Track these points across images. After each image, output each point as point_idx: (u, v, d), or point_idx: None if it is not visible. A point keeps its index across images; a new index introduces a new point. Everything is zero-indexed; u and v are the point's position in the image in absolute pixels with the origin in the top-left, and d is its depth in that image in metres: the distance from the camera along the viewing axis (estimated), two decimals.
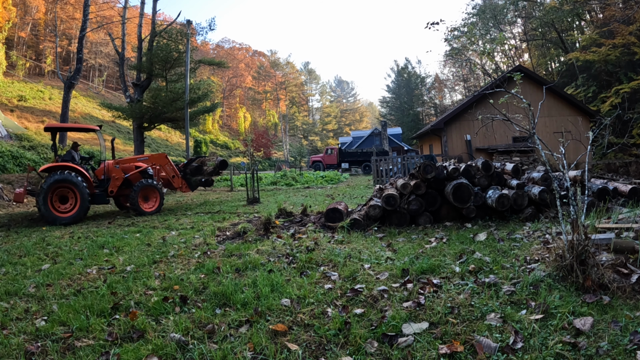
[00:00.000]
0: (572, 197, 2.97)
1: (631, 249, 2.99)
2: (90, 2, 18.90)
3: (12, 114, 28.09)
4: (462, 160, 16.32)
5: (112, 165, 9.38)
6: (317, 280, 3.37)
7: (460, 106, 19.38)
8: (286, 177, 19.49)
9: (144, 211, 9.14)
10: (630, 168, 11.95)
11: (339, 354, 2.16)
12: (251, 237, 5.15)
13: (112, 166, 9.35)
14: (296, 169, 32.70)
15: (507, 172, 6.34)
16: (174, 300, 3.04)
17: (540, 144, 3.34)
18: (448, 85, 55.32)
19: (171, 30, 20.11)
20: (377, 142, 36.40)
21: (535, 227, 4.73)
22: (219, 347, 2.30)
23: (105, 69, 54.43)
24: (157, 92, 19.25)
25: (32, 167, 9.63)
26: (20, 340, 2.52)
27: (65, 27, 47.43)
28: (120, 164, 9.55)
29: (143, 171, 9.74)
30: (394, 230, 5.28)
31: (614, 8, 21.96)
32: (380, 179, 15.13)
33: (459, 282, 3.07)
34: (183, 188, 10.49)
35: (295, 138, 71.02)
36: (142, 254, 4.75)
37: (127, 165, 9.69)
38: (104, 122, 35.98)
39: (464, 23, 31.64)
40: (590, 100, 22.42)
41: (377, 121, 56.05)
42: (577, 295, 2.60)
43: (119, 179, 9.28)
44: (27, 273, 4.18)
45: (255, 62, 77.47)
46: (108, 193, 9.23)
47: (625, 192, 5.44)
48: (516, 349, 2.05)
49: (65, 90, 17.79)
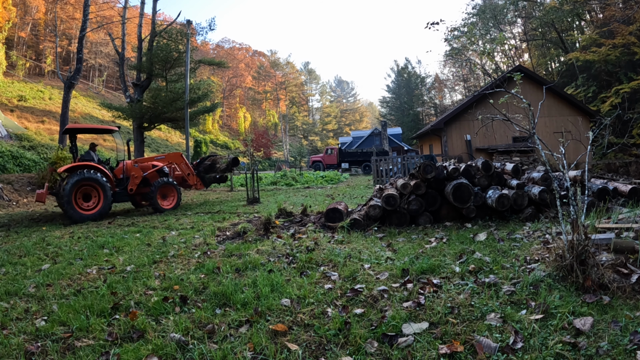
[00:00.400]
0: (572, 197, 2.97)
1: (631, 249, 2.99)
2: (90, 2, 18.89)
3: (12, 114, 28.09)
4: (462, 160, 16.32)
5: (130, 164, 9.70)
6: (317, 280, 3.37)
7: (460, 106, 19.37)
8: (286, 177, 19.49)
9: (162, 208, 9.52)
10: (630, 168, 11.95)
11: (339, 354, 2.16)
12: (251, 237, 5.15)
13: (131, 165, 9.67)
14: (296, 169, 32.71)
15: (507, 172, 6.34)
16: (174, 300, 3.04)
17: (540, 144, 3.34)
18: (448, 85, 55.34)
19: (171, 30, 20.11)
20: (377, 142, 36.40)
21: (535, 227, 4.72)
22: (219, 347, 2.30)
23: (105, 69, 54.43)
24: (157, 92, 19.24)
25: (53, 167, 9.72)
26: (20, 340, 2.52)
27: (65, 27, 47.44)
28: (139, 163, 9.90)
29: (159, 170, 10.07)
30: (394, 230, 5.28)
31: (614, 8, 21.96)
32: (380, 179, 15.13)
33: (459, 282, 3.07)
34: (197, 185, 10.87)
35: (295, 138, 71.02)
36: (142, 254, 4.75)
37: (145, 165, 10.04)
38: (104, 122, 35.97)
39: (464, 23, 31.64)
40: (590, 100, 22.41)
41: (377, 121, 56.07)
42: (577, 295, 2.60)
43: (138, 178, 9.58)
44: (27, 273, 4.18)
45: (255, 62, 77.48)
46: (128, 191, 9.51)
47: (625, 192, 5.44)
48: (516, 349, 2.05)
49: (65, 90, 17.78)
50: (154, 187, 9.48)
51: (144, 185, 9.79)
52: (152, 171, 9.89)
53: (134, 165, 9.66)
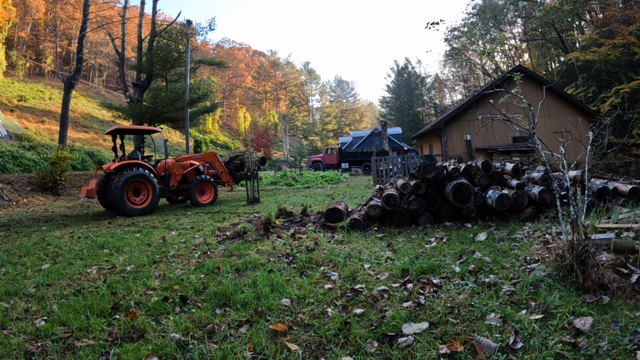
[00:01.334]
0: (572, 197, 2.97)
1: (631, 249, 2.99)
2: (90, 2, 18.89)
3: (12, 114, 28.09)
4: (462, 160, 16.32)
5: (172, 163, 10.53)
6: (317, 280, 3.37)
7: (460, 106, 19.37)
8: (286, 177, 19.49)
9: (201, 203, 10.36)
10: (630, 168, 11.95)
11: (339, 354, 2.16)
12: (251, 237, 5.15)
13: (173, 164, 10.51)
14: (296, 169, 32.69)
15: (507, 172, 6.34)
16: (174, 300, 3.04)
17: (540, 144, 3.34)
18: (448, 85, 55.34)
19: (171, 30, 20.11)
20: (377, 142, 36.39)
21: (535, 227, 4.72)
22: (219, 347, 2.30)
23: (105, 69, 54.43)
24: (157, 92, 19.25)
25: (99, 165, 10.30)
26: (20, 340, 2.52)
27: (65, 27, 47.44)
28: (179, 162, 10.78)
29: (196, 168, 10.93)
30: (394, 230, 5.28)
31: (614, 8, 21.95)
32: (380, 179, 15.13)
33: (459, 282, 3.07)
34: (229, 182, 11.77)
35: (295, 138, 71.01)
36: (142, 254, 4.75)
37: (184, 163, 10.88)
38: (104, 122, 35.99)
39: (464, 23, 31.65)
40: (590, 100, 22.41)
41: (377, 121, 56.06)
42: (577, 295, 2.60)
43: (179, 175, 10.40)
44: (27, 273, 4.18)
45: (255, 62, 77.48)
46: (170, 187, 10.29)
47: (625, 192, 5.44)
48: (516, 349, 2.05)
49: (65, 90, 17.78)
50: (193, 183, 10.33)
51: (182, 182, 10.64)
52: (190, 169, 10.74)
53: (175, 164, 10.50)
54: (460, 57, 36.90)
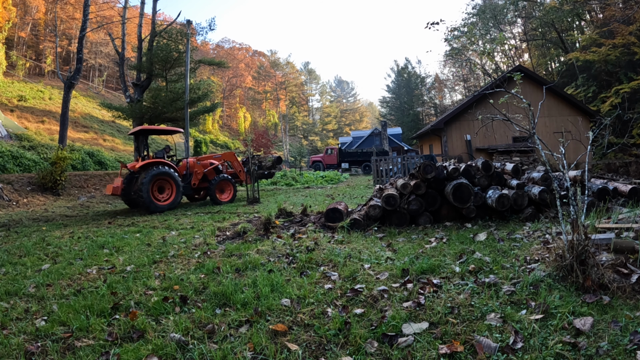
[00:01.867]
0: (572, 197, 2.97)
1: (631, 249, 2.99)
2: (90, 2, 18.88)
3: (12, 114, 28.09)
4: (462, 160, 16.32)
5: (193, 162, 10.94)
6: (317, 280, 3.37)
7: (460, 106, 19.37)
8: (286, 177, 19.49)
9: (220, 201, 10.74)
10: (630, 168, 11.94)
11: (339, 354, 2.16)
12: (251, 237, 5.15)
13: (194, 163, 10.91)
14: (296, 169, 32.70)
15: (507, 172, 6.34)
16: (174, 300, 3.04)
17: (540, 144, 3.34)
18: (448, 85, 55.32)
19: (171, 30, 20.08)
20: (377, 142, 36.36)
21: (535, 227, 4.72)
22: (219, 347, 2.30)
23: (105, 69, 54.40)
24: (157, 92, 19.22)
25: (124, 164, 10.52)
26: (20, 340, 2.52)
27: (65, 27, 47.42)
28: (200, 161, 11.14)
29: (216, 167, 11.31)
30: (394, 230, 5.28)
31: (614, 8, 21.96)
32: (380, 179, 15.13)
33: (459, 282, 3.07)
34: (247, 181, 12.02)
35: (295, 138, 70.99)
36: (142, 254, 4.75)
37: (205, 162, 11.24)
38: (104, 122, 35.99)
39: (464, 23, 31.63)
40: (590, 100, 22.41)
41: (377, 121, 56.04)
42: (577, 295, 2.60)
43: (200, 174, 10.78)
44: (27, 273, 4.18)
45: (255, 62, 77.43)
46: (191, 186, 10.65)
47: (625, 192, 5.44)
48: (516, 349, 2.05)
49: (65, 90, 17.77)
50: (214, 182, 10.75)
51: (203, 181, 11.00)
52: (210, 168, 11.11)
53: (197, 163, 10.90)
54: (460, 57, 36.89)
